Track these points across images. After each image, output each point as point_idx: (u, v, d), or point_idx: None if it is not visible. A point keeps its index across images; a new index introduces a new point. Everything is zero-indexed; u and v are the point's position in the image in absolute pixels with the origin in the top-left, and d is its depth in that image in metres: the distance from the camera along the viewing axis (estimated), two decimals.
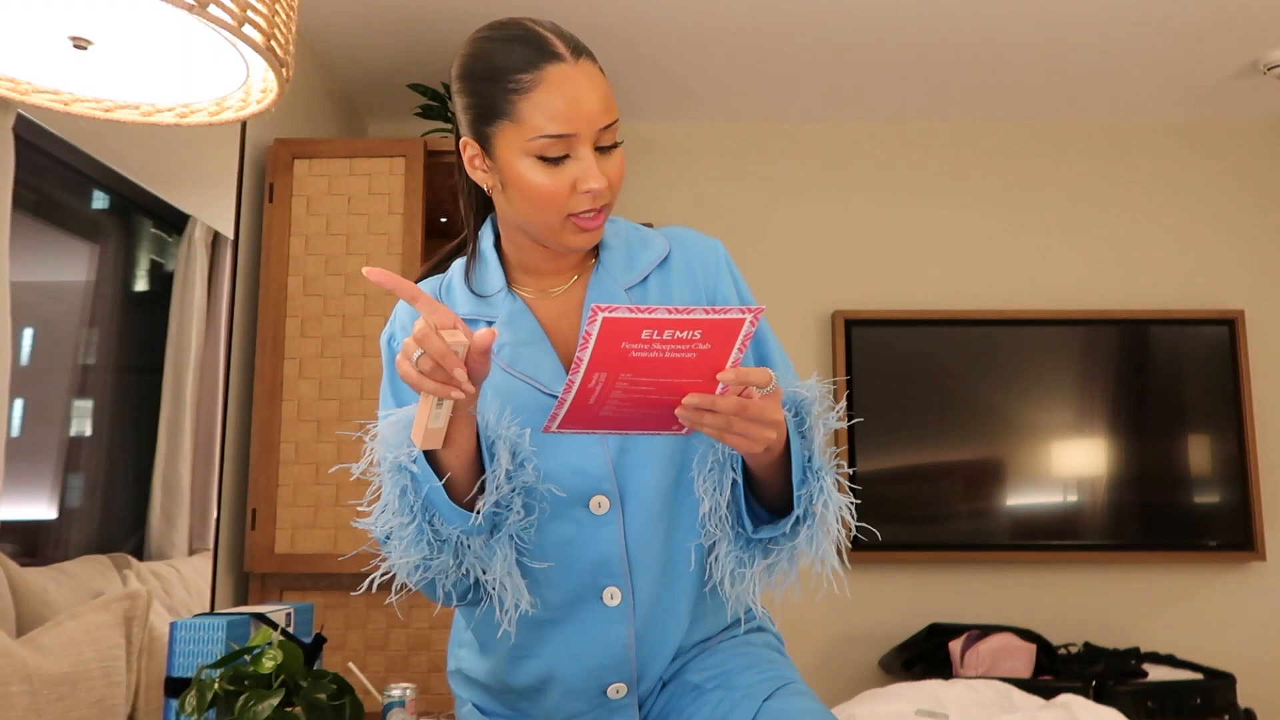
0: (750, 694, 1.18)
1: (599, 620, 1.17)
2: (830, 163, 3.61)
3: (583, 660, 1.18)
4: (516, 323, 1.19)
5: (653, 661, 1.21)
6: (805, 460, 1.10)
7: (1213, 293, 3.51)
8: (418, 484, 1.05)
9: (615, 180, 1.13)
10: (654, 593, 1.19)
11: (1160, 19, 2.85)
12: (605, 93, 1.11)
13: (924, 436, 3.37)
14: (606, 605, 1.17)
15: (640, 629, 1.18)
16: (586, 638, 1.17)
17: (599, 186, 1.10)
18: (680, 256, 1.24)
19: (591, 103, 1.09)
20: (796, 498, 1.09)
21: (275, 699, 1.28)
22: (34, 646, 1.60)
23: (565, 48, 1.10)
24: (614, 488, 1.15)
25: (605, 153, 1.12)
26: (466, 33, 2.93)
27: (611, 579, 1.16)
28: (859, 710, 2.29)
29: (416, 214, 2.52)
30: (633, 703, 1.21)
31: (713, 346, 0.94)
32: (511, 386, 1.16)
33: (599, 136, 1.10)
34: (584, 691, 1.20)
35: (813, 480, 1.10)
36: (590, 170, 1.09)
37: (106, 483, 1.92)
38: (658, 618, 1.19)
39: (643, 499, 1.16)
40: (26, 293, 1.67)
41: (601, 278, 1.21)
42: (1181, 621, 3.36)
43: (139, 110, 1.33)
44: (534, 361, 1.17)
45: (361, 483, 1.14)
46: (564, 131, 1.08)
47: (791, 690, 1.19)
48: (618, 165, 1.13)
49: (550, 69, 1.09)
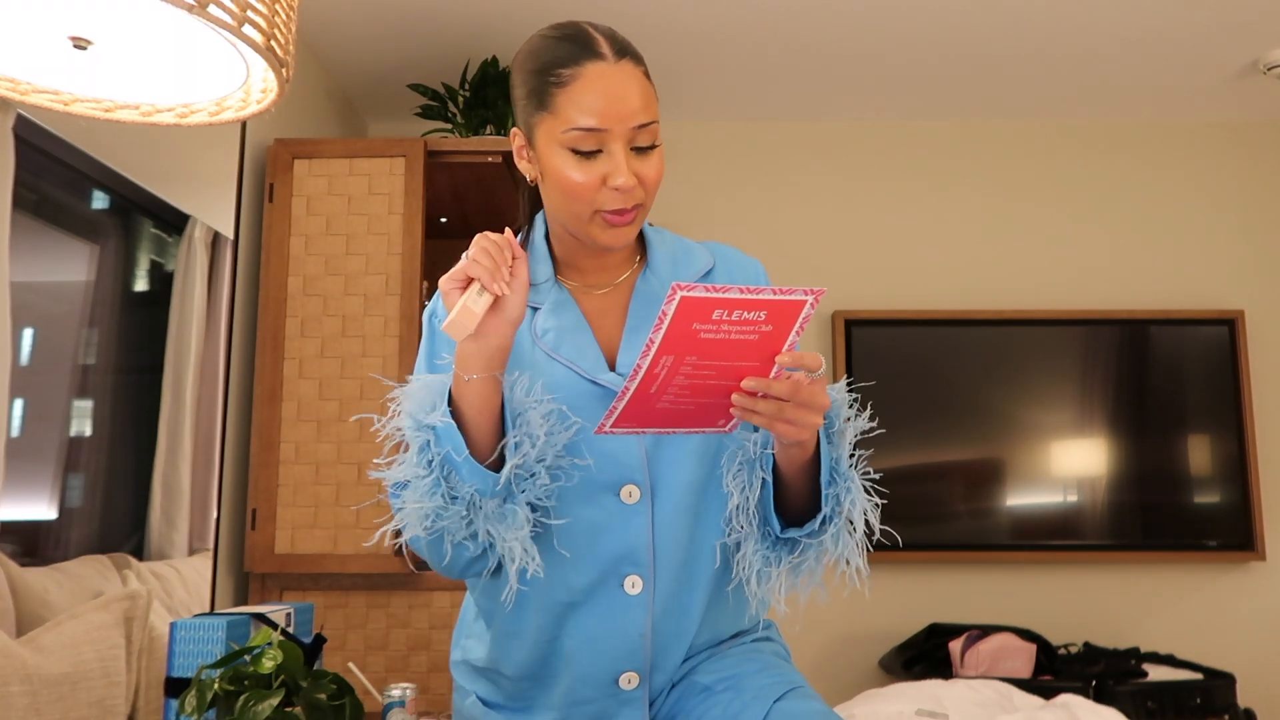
0: (761, 695, 1.19)
1: (619, 607, 1.18)
2: (830, 163, 3.61)
3: (598, 645, 1.19)
4: (561, 311, 1.22)
5: (666, 654, 1.22)
6: (833, 462, 1.13)
7: (1213, 293, 3.51)
8: (439, 439, 1.07)
9: (649, 181, 1.16)
10: (674, 586, 1.21)
11: (1160, 19, 2.85)
12: (643, 94, 1.14)
13: (924, 436, 3.37)
14: (627, 593, 1.18)
15: (657, 620, 1.20)
16: (604, 623, 1.19)
17: (627, 183, 1.13)
18: (723, 270, 1.28)
19: (626, 101, 1.12)
20: (825, 497, 1.12)
21: (275, 699, 1.28)
22: (34, 646, 1.60)
23: (609, 47, 1.14)
24: (646, 478, 1.18)
25: (641, 153, 1.15)
26: (466, 33, 2.93)
27: (635, 567, 1.18)
28: (859, 710, 2.29)
29: (416, 214, 2.52)
30: (643, 696, 1.22)
31: (774, 328, 0.97)
32: (554, 372, 1.18)
33: (633, 136, 1.14)
34: (596, 678, 1.21)
35: (840, 482, 1.13)
36: (619, 166, 1.13)
37: (106, 483, 1.92)
38: (674, 611, 1.21)
39: (673, 492, 1.19)
40: (26, 293, 1.67)
41: (649, 279, 1.25)
42: (1181, 621, 3.36)
43: (139, 110, 1.33)
44: (577, 348, 1.20)
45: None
46: (596, 125, 1.12)
47: (801, 693, 1.20)
48: (653, 167, 1.16)
49: (590, 65, 1.13)
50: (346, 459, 2.41)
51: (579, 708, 1.22)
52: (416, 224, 2.52)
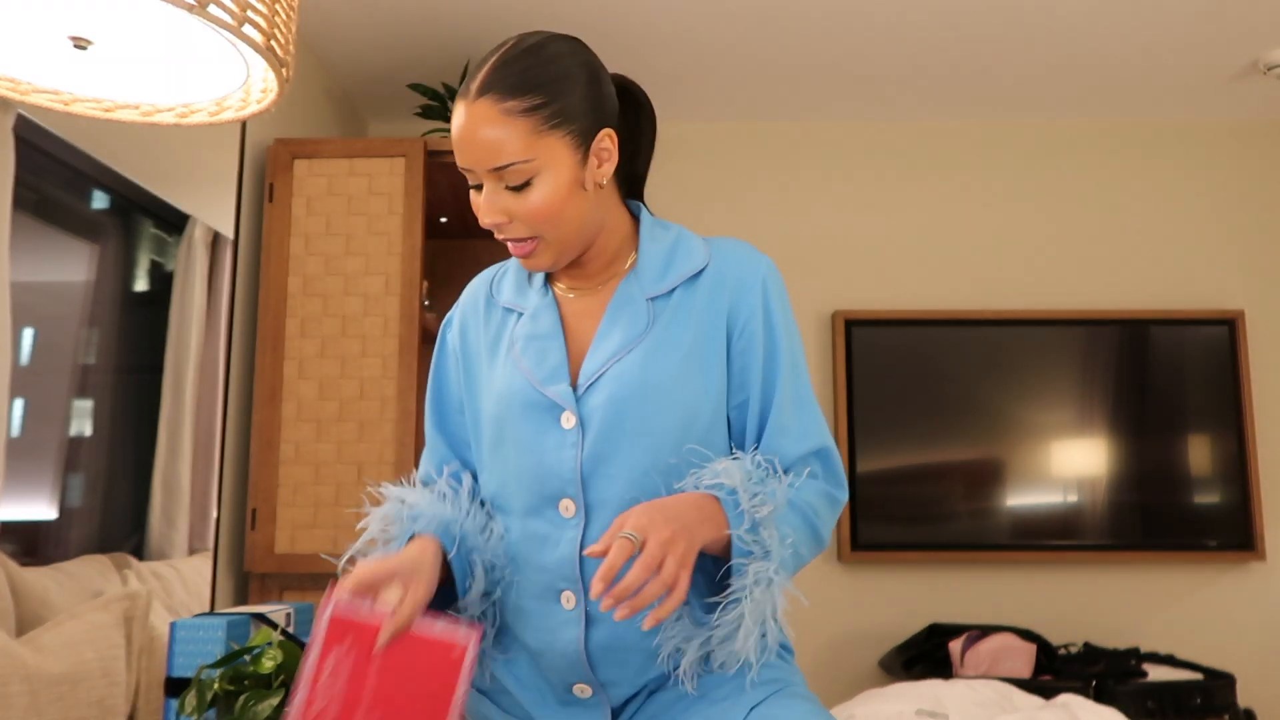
0: (739, 702, 1.14)
1: (556, 621, 1.17)
2: (831, 163, 3.61)
3: (544, 657, 1.19)
4: (539, 316, 1.23)
5: (617, 668, 1.18)
6: (746, 544, 1.08)
7: (1213, 293, 3.51)
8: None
9: (527, 216, 1.13)
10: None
11: (1160, 19, 2.86)
12: (497, 136, 1.10)
13: (924, 436, 3.37)
14: (564, 608, 1.16)
15: (599, 635, 1.16)
16: (546, 635, 1.18)
17: (487, 221, 1.15)
18: (715, 271, 1.22)
19: (474, 144, 1.11)
20: (737, 585, 1.08)
21: (275, 699, 1.28)
22: (34, 646, 1.60)
23: (473, 83, 1.12)
24: (579, 493, 1.15)
25: (516, 191, 1.13)
26: (466, 33, 2.93)
27: (566, 583, 1.16)
28: (859, 710, 2.29)
29: (416, 214, 2.52)
30: (601, 703, 1.19)
31: (436, 671, 1.03)
32: (510, 379, 1.19)
33: (499, 176, 1.12)
34: (551, 686, 1.21)
35: (755, 568, 1.08)
36: (481, 207, 1.16)
37: (106, 483, 1.92)
38: (619, 627, 1.17)
39: (610, 510, 1.15)
40: (26, 293, 1.67)
41: (630, 283, 1.22)
42: (1181, 621, 3.36)
43: (139, 110, 1.33)
44: (539, 355, 1.19)
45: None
46: (461, 164, 1.15)
47: (786, 694, 1.15)
48: (529, 203, 1.13)
49: (459, 104, 1.14)
50: (346, 459, 2.41)
51: (548, 709, 1.22)
52: (416, 224, 2.52)
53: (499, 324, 1.26)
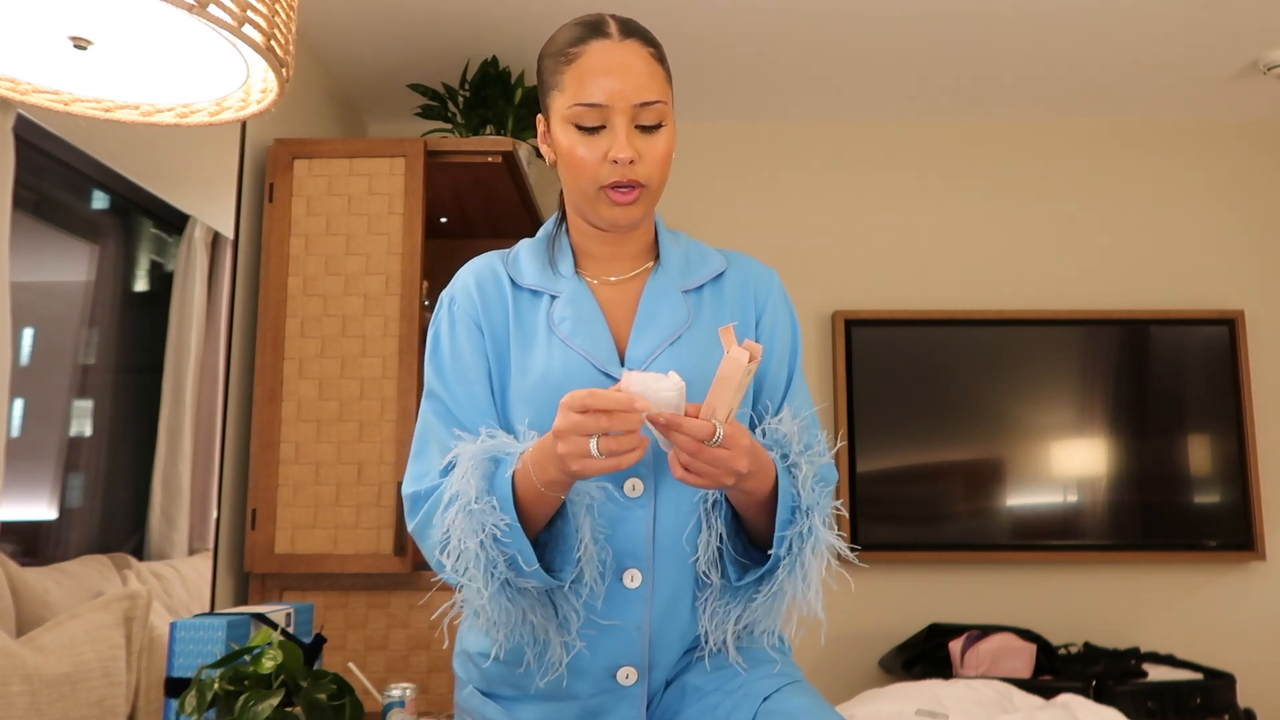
0: (750, 693, 1.18)
1: (617, 601, 1.18)
2: (830, 163, 3.61)
3: (596, 638, 1.18)
4: (579, 301, 1.24)
5: (664, 651, 1.22)
6: (793, 499, 1.12)
7: (1213, 293, 3.51)
8: (502, 546, 1.07)
9: (653, 159, 1.18)
10: (673, 583, 1.20)
11: (1160, 19, 2.85)
12: (649, 73, 1.17)
13: (924, 436, 3.37)
14: (626, 587, 1.18)
15: (656, 615, 1.19)
16: (609, 613, 1.18)
17: (624, 156, 1.16)
18: (736, 275, 1.30)
19: (627, 77, 1.16)
20: (777, 539, 1.12)
21: (275, 699, 1.28)
22: (34, 646, 1.60)
23: (616, 28, 1.18)
24: (650, 472, 1.18)
25: (646, 132, 1.18)
26: (466, 33, 2.93)
27: (634, 561, 1.18)
28: (859, 710, 2.29)
29: (416, 214, 2.52)
30: (641, 691, 1.21)
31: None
32: (567, 361, 1.20)
33: (636, 113, 1.17)
34: (594, 672, 1.20)
35: (800, 520, 1.12)
36: (619, 141, 1.16)
37: (106, 483, 1.92)
38: (673, 609, 1.21)
39: (677, 488, 1.19)
40: (26, 293, 1.67)
41: (660, 277, 1.27)
42: (1181, 621, 3.36)
43: (139, 110, 1.33)
44: (592, 339, 1.21)
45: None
46: (596, 100, 1.16)
47: (793, 689, 1.19)
48: (658, 146, 1.19)
49: (595, 43, 1.17)
50: (346, 459, 2.41)
51: (576, 701, 1.21)
52: (416, 224, 2.52)
53: (528, 305, 1.25)
